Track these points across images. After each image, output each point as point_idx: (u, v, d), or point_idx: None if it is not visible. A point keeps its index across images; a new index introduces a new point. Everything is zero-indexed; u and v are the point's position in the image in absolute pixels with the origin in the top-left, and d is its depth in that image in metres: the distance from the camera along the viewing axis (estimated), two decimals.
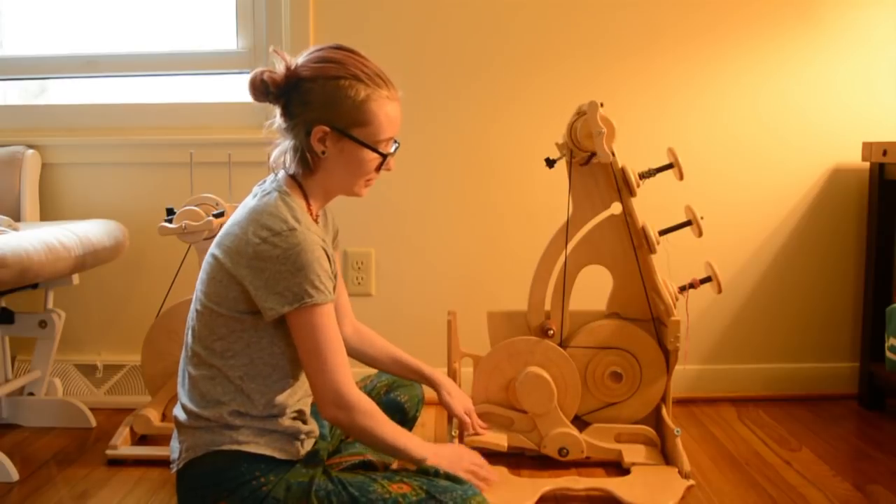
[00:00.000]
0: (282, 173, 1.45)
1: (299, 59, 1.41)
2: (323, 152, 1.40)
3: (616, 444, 1.89)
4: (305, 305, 1.33)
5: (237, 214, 1.42)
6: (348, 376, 1.38)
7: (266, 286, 1.33)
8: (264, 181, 1.47)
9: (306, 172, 1.43)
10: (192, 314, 1.44)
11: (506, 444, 1.81)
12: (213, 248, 1.42)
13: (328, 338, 1.36)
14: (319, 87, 1.38)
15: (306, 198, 1.44)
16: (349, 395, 1.37)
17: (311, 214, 1.45)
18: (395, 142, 1.47)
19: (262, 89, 1.40)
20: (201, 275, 1.43)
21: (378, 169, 1.46)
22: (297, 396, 1.45)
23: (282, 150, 1.45)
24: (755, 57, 2.32)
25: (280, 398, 1.41)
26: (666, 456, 1.86)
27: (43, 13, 2.48)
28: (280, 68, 1.40)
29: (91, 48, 2.44)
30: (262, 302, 1.34)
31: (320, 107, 1.38)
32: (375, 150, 1.42)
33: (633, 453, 1.86)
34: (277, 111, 1.43)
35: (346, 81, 1.38)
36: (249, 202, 1.42)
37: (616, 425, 1.91)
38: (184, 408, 1.41)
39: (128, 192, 2.37)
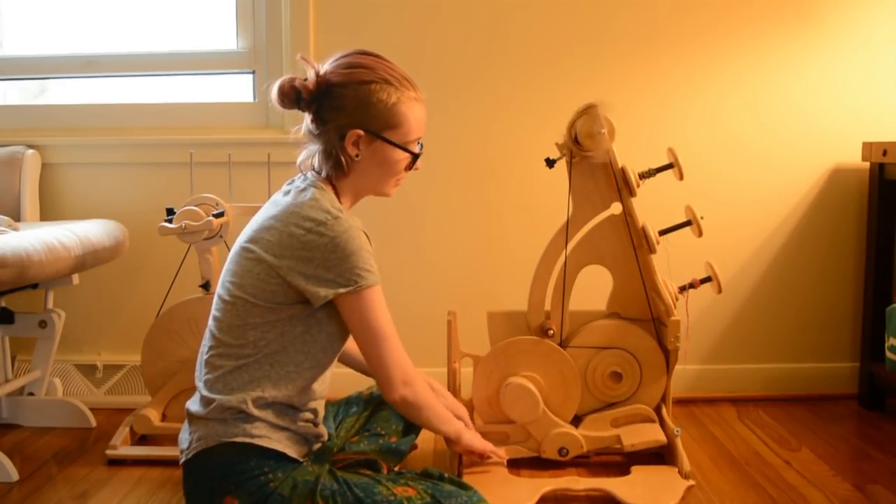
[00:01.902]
0: (311, 173, 1.47)
1: (326, 66, 1.44)
2: (357, 155, 1.43)
3: (613, 429, 1.88)
4: (360, 288, 1.37)
5: (270, 210, 1.44)
6: (406, 354, 1.44)
7: (316, 275, 1.36)
8: (293, 180, 1.49)
9: (339, 175, 1.46)
10: (218, 306, 1.44)
11: (505, 458, 1.80)
12: (244, 244, 1.43)
13: (385, 317, 1.41)
14: (352, 92, 1.41)
15: (338, 197, 1.47)
16: (411, 371, 1.44)
17: None
18: (419, 142, 1.50)
19: (293, 96, 1.42)
20: (231, 267, 1.44)
21: (408, 168, 1.50)
22: (320, 389, 1.48)
23: (309, 153, 1.48)
24: (755, 57, 2.32)
25: (307, 386, 1.43)
26: (666, 456, 1.86)
27: (43, 13, 2.48)
28: (310, 75, 1.42)
29: (91, 48, 2.44)
30: (312, 289, 1.37)
31: (353, 111, 1.41)
32: (407, 150, 1.46)
33: (631, 434, 1.85)
34: (307, 117, 1.45)
35: (377, 86, 1.41)
36: (281, 199, 1.44)
37: (611, 411, 1.90)
38: (203, 399, 1.41)
39: (128, 192, 2.37)
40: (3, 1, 2.48)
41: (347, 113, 1.41)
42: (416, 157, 1.49)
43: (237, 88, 2.46)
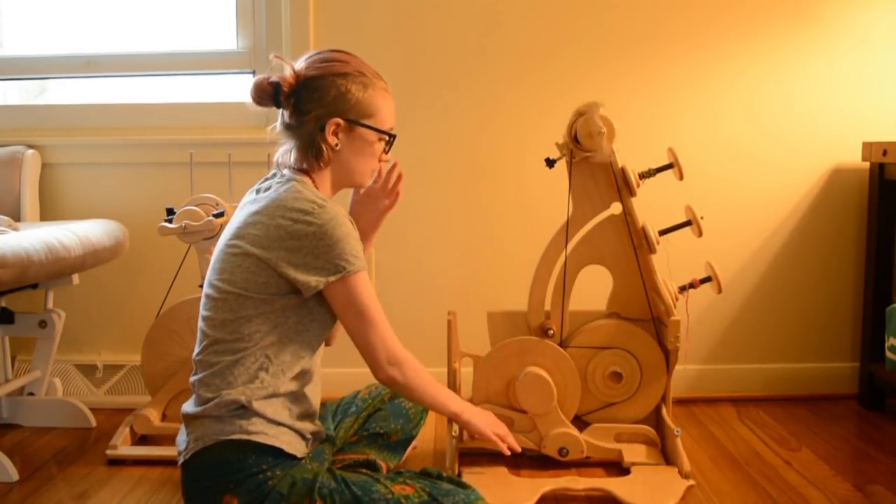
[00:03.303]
0: (288, 169, 1.49)
1: (301, 63, 1.48)
2: (336, 145, 1.47)
3: (616, 443, 1.89)
4: (348, 274, 1.40)
5: (252, 207, 1.44)
6: (394, 336, 1.47)
7: (305, 263, 1.38)
8: (266, 178, 1.51)
9: (318, 167, 1.48)
10: (207, 305, 1.45)
11: (507, 451, 1.80)
12: (230, 240, 1.44)
13: (371, 301, 1.44)
14: (330, 84, 1.45)
15: (317, 189, 1.48)
16: (399, 352, 1.46)
17: None
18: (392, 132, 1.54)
19: (271, 92, 1.45)
20: (218, 265, 1.44)
21: (384, 153, 1.54)
22: (315, 380, 1.50)
23: (286, 149, 1.50)
24: (753, 56, 2.31)
25: (303, 375, 1.45)
26: (666, 456, 1.86)
27: (43, 13, 2.48)
28: (287, 71, 1.46)
29: (91, 48, 2.44)
30: (302, 278, 1.38)
31: (332, 101, 1.45)
32: (384, 132, 1.51)
33: (633, 453, 1.86)
34: (284, 113, 1.48)
35: (353, 77, 1.46)
36: (262, 195, 1.45)
37: (616, 425, 1.91)
38: (199, 397, 1.42)
39: (128, 192, 2.37)
40: (3, 1, 2.48)
41: (326, 103, 1.44)
42: (391, 140, 1.52)
43: (237, 88, 2.46)
